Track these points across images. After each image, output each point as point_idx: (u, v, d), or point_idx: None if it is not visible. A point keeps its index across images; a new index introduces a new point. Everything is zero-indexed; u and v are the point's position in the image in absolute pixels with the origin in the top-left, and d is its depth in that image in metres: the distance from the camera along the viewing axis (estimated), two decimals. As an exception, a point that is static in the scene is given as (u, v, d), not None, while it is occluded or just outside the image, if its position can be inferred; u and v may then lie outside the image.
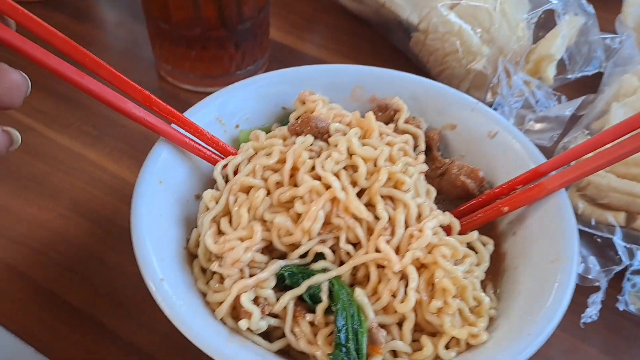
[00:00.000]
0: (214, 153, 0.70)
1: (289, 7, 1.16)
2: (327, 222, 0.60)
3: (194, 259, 0.63)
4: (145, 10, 0.94)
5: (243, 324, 0.55)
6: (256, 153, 0.68)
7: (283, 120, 0.78)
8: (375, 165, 0.63)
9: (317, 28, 1.14)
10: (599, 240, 0.71)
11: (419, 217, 0.62)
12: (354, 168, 0.63)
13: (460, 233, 0.65)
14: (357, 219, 0.59)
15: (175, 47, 0.94)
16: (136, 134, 0.89)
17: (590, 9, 0.88)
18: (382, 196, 0.61)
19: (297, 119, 0.75)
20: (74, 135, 0.90)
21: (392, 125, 0.74)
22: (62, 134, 0.90)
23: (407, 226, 0.61)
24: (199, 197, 0.69)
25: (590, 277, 0.68)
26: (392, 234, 0.59)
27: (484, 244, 0.66)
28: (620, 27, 0.89)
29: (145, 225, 0.59)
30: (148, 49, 1.03)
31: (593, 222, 0.71)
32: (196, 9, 0.88)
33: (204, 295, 0.60)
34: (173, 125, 0.67)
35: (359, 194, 0.62)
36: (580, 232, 0.71)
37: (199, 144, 0.69)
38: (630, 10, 0.96)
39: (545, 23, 0.90)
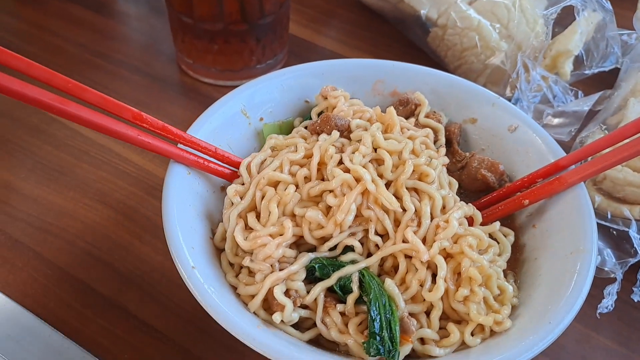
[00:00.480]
0: (211, 162, 0.68)
1: (306, 2, 1.18)
2: (357, 215, 0.61)
3: (221, 252, 0.65)
4: (167, 4, 0.96)
5: (277, 317, 0.56)
6: (272, 155, 0.69)
7: (305, 115, 0.80)
8: (399, 158, 0.64)
9: (334, 23, 1.15)
10: (614, 233, 0.72)
11: (444, 209, 0.64)
12: (379, 161, 0.64)
13: (482, 225, 0.66)
14: (385, 210, 0.61)
15: (197, 41, 0.95)
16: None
17: (608, 5, 0.89)
18: (407, 188, 0.63)
19: (318, 115, 0.77)
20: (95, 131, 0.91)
21: (412, 120, 0.76)
22: (84, 127, 0.91)
23: (432, 217, 0.62)
24: (224, 189, 0.71)
25: (606, 268, 0.70)
26: (419, 225, 0.61)
27: (505, 235, 0.67)
28: (637, 24, 0.89)
29: (176, 214, 0.61)
30: (169, 43, 1.04)
31: (609, 216, 0.73)
32: (219, 4, 0.89)
33: (233, 288, 0.61)
34: (164, 139, 0.65)
35: (385, 187, 0.63)
36: (597, 225, 0.72)
37: (198, 156, 0.67)
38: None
39: (562, 19, 0.91)
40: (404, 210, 0.61)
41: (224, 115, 0.73)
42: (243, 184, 0.68)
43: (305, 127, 0.75)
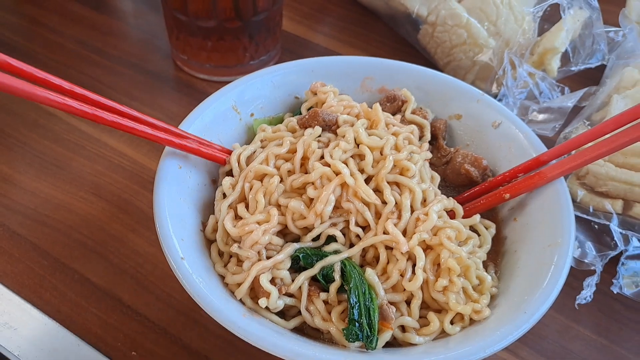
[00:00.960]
0: (203, 145, 0.69)
1: (300, -1, 1.20)
2: (337, 207, 0.64)
3: (211, 244, 0.67)
4: (163, 2, 0.97)
5: (262, 302, 0.58)
6: (262, 146, 0.72)
7: (295, 110, 0.82)
8: (381, 153, 0.66)
9: (327, 19, 1.17)
10: (596, 226, 0.74)
11: (424, 202, 0.66)
12: (361, 157, 0.66)
13: (464, 218, 0.68)
14: (365, 203, 0.63)
15: (191, 38, 0.97)
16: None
17: (595, 2, 0.91)
18: (388, 182, 0.65)
19: (307, 110, 0.79)
20: (92, 124, 0.94)
21: (399, 116, 0.77)
22: (83, 121, 0.94)
23: (412, 210, 0.64)
24: (215, 182, 0.73)
25: (586, 261, 0.71)
26: (399, 217, 0.63)
27: (486, 228, 0.69)
28: (623, 21, 0.91)
29: (167, 206, 0.63)
30: (165, 39, 1.06)
31: (591, 209, 0.74)
32: (212, 1, 0.91)
33: (222, 278, 0.63)
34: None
35: (367, 181, 0.65)
36: (579, 218, 0.74)
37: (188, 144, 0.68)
38: (634, 4, 0.98)
39: (550, 16, 0.93)
40: (385, 203, 0.63)
41: (215, 111, 0.75)
42: (233, 176, 0.70)
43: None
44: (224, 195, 0.69)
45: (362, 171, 0.65)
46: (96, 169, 0.88)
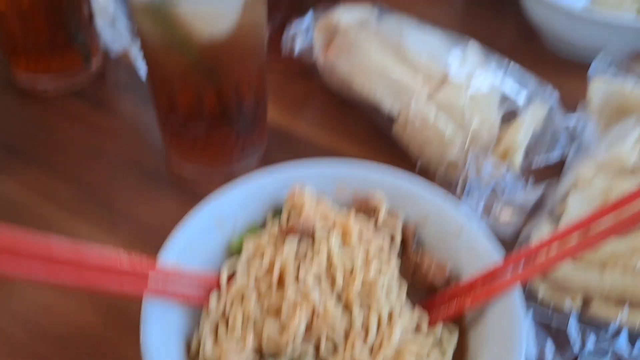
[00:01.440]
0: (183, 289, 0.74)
1: (283, 90, 1.27)
2: (310, 327, 0.69)
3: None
4: (154, 105, 1.05)
5: None
6: (247, 259, 0.78)
7: (277, 211, 0.88)
8: (352, 271, 0.72)
9: (311, 110, 1.24)
10: (555, 325, 0.79)
11: (391, 315, 0.71)
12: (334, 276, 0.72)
13: (429, 324, 0.74)
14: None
15: (182, 140, 1.06)
16: (148, 227, 1.00)
17: (554, 98, 0.97)
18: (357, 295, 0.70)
19: (288, 213, 0.85)
20: (90, 224, 1.00)
21: (372, 219, 0.83)
22: (82, 227, 1.00)
23: (380, 324, 0.70)
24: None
25: (545, 362, 0.76)
26: (367, 333, 0.69)
27: (450, 332, 0.74)
28: (581, 114, 0.97)
29: (154, 329, 0.69)
30: (159, 139, 1.13)
31: (551, 308, 0.79)
32: (200, 105, 0.98)
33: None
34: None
35: (339, 296, 0.71)
36: (540, 317, 0.79)
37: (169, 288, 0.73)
38: (595, 94, 1.03)
39: (515, 112, 0.99)
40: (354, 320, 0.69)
41: (197, 227, 0.80)
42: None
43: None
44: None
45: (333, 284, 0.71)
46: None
